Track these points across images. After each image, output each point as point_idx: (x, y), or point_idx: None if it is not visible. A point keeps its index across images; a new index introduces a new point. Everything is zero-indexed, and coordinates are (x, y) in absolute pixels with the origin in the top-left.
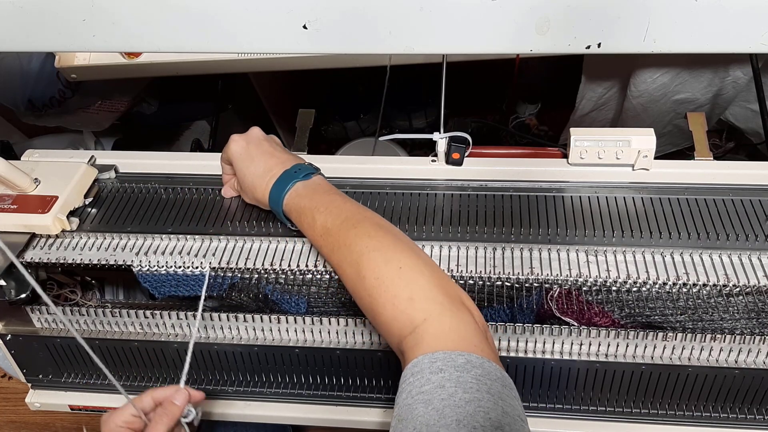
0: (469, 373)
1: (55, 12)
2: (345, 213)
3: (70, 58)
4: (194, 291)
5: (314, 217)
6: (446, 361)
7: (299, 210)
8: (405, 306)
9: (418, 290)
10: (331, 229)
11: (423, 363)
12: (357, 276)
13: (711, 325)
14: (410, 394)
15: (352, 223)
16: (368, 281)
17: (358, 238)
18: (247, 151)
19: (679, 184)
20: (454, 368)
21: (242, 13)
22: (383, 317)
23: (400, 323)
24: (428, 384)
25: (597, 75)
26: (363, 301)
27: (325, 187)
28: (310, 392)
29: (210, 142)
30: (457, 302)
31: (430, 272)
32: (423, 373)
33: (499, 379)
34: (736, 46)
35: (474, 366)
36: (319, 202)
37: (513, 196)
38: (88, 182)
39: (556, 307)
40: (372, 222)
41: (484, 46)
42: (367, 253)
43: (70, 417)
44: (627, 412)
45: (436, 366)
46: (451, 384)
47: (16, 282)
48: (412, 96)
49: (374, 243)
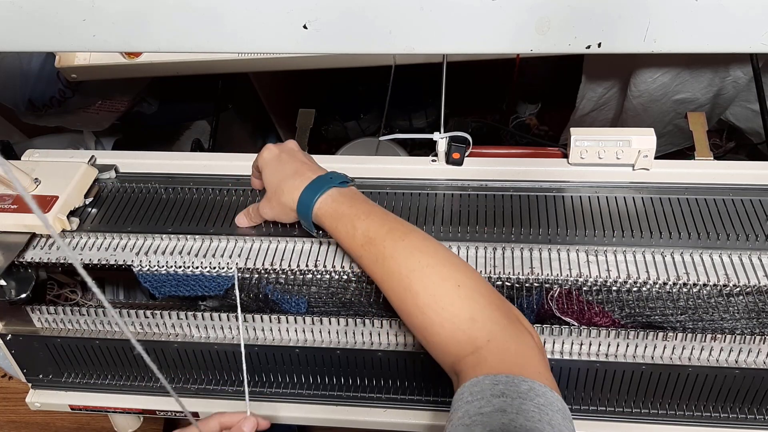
0: (532, 402)
1: (55, 12)
2: (389, 223)
3: (70, 58)
4: (194, 291)
5: (354, 224)
6: (509, 385)
7: (336, 216)
8: (466, 326)
9: (478, 310)
10: (374, 239)
11: (484, 384)
12: (407, 291)
13: (711, 325)
14: (467, 413)
15: (399, 235)
16: (422, 298)
17: (407, 251)
18: (278, 158)
19: (680, 184)
20: (517, 394)
21: (242, 13)
22: (440, 336)
23: (458, 343)
24: (488, 406)
25: (597, 75)
26: (413, 318)
27: (362, 197)
28: (310, 392)
29: (210, 142)
30: (518, 324)
31: (487, 292)
32: (484, 393)
33: (560, 410)
34: (736, 46)
35: (537, 394)
36: (359, 209)
37: (513, 196)
38: (89, 182)
39: (556, 307)
40: (420, 235)
41: (484, 46)
42: (420, 269)
43: (70, 417)
44: (627, 412)
45: (498, 389)
46: (512, 410)
47: (16, 282)
48: (413, 96)
49: (427, 259)
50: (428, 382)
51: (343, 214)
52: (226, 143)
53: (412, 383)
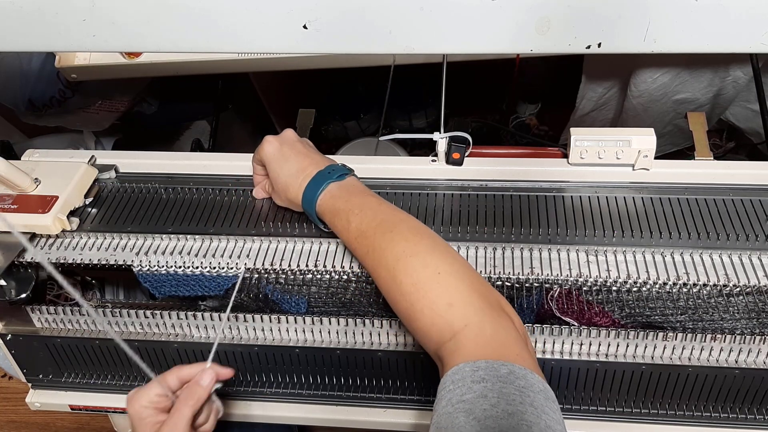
0: (513, 385)
1: (55, 12)
2: (380, 216)
3: (70, 58)
4: (194, 291)
5: (349, 219)
6: (489, 370)
7: (333, 212)
8: (444, 311)
9: (457, 296)
10: (366, 231)
11: (464, 371)
12: (393, 280)
13: (711, 325)
14: (450, 401)
15: (388, 226)
16: (405, 286)
17: (394, 242)
18: (281, 152)
19: (679, 184)
20: (497, 378)
21: (242, 13)
22: (421, 323)
23: (438, 329)
24: (470, 393)
25: (597, 75)
26: (399, 305)
27: (359, 188)
28: (310, 392)
29: (210, 142)
30: (497, 308)
31: (469, 277)
32: (464, 381)
33: (542, 391)
34: (736, 46)
35: (517, 377)
36: (353, 204)
37: (513, 196)
38: (89, 182)
39: (556, 307)
40: (408, 225)
41: (484, 46)
42: (404, 258)
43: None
44: (627, 412)
45: (479, 375)
46: (493, 394)
47: (16, 282)
48: (413, 96)
49: (411, 247)
50: (428, 382)
51: (339, 210)
52: (226, 143)
53: (412, 383)
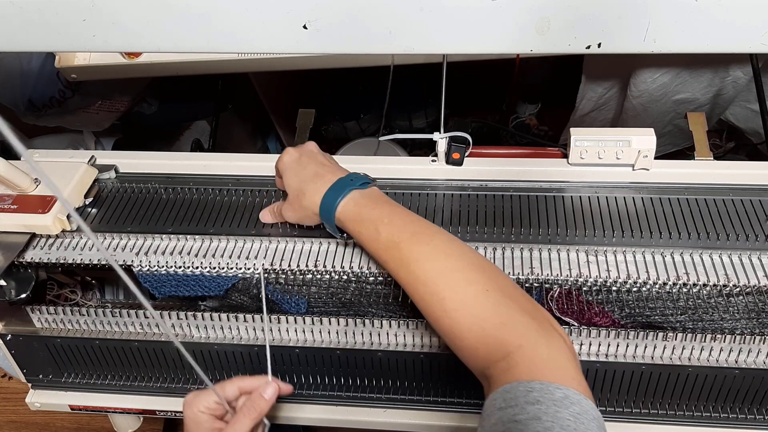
0: (567, 410)
1: (55, 12)
2: (412, 226)
3: (70, 58)
4: (194, 291)
5: (378, 229)
6: (543, 392)
7: (358, 219)
8: (496, 331)
9: (508, 315)
10: (399, 243)
11: (518, 390)
12: (433, 296)
13: (711, 325)
14: (501, 420)
15: (423, 239)
16: (449, 303)
17: (433, 256)
18: (299, 161)
19: (679, 184)
20: (552, 402)
21: (242, 13)
22: (467, 341)
23: (488, 348)
24: (523, 414)
25: (597, 75)
26: (441, 323)
27: (383, 198)
28: (310, 392)
29: (210, 142)
30: (550, 328)
31: (517, 295)
32: (518, 401)
33: (595, 419)
34: (736, 46)
35: (572, 402)
36: (381, 212)
37: (513, 196)
38: (88, 182)
39: (556, 307)
40: (445, 238)
41: (484, 46)
42: (447, 273)
43: (70, 417)
44: (627, 412)
45: (533, 396)
46: (548, 418)
47: (16, 282)
48: (413, 96)
49: (453, 263)
50: (428, 383)
51: (365, 218)
52: (226, 143)
53: (412, 383)
